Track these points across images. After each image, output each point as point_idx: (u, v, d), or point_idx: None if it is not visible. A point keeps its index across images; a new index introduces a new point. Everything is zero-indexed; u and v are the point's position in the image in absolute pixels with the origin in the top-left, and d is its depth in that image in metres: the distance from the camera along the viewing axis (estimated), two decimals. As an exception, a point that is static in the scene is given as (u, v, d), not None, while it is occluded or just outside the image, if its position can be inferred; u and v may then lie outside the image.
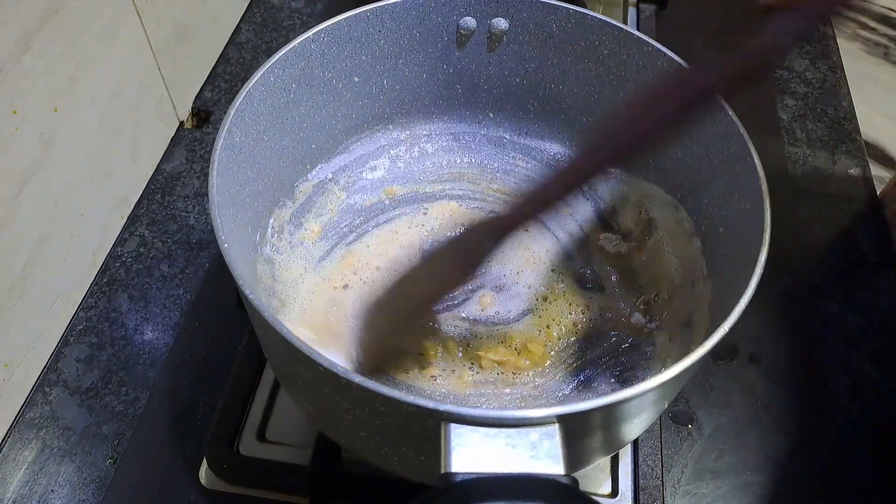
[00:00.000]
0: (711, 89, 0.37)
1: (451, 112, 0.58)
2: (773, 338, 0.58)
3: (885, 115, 1.27)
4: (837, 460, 0.52)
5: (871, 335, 0.59)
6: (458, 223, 0.55)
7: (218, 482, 0.49)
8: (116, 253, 0.61)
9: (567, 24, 0.50)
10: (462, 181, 0.58)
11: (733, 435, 0.53)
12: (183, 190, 0.66)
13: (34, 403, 0.53)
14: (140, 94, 0.62)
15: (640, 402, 0.34)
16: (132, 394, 0.53)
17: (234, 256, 0.35)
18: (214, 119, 0.72)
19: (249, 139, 0.44)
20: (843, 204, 0.68)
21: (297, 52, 0.46)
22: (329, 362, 0.31)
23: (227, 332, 0.56)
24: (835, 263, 0.64)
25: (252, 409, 0.52)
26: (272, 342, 0.36)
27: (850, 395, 0.56)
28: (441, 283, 0.45)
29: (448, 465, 0.29)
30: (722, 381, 0.56)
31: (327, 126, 0.52)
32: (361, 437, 0.38)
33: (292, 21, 0.82)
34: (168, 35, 0.64)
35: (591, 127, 0.53)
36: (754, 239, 0.38)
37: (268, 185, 0.48)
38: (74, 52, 0.52)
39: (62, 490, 0.49)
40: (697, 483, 0.51)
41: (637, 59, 0.49)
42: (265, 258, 0.49)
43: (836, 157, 0.73)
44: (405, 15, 0.50)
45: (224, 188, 0.40)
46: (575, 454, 0.37)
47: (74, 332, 0.56)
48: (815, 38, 0.85)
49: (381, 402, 0.31)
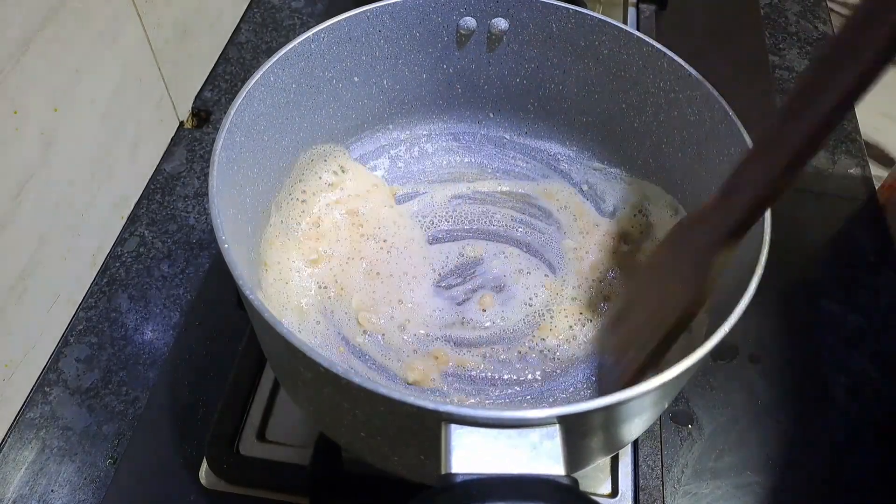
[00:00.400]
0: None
1: (451, 112, 0.58)
2: (773, 338, 0.58)
3: (885, 115, 1.27)
4: (837, 460, 0.52)
5: (871, 335, 0.59)
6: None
7: (218, 482, 0.49)
8: (116, 253, 0.61)
9: (567, 24, 0.50)
10: (462, 181, 0.58)
11: (733, 435, 0.53)
12: (183, 190, 0.66)
13: (34, 403, 0.53)
14: (140, 94, 0.62)
15: (640, 403, 0.34)
16: (132, 394, 0.53)
17: (234, 256, 0.35)
18: (214, 119, 0.72)
19: (249, 139, 0.44)
20: (843, 204, 0.68)
21: (297, 52, 0.46)
22: (329, 362, 0.31)
23: (227, 332, 0.56)
24: (835, 263, 0.64)
25: (252, 409, 0.52)
26: (272, 342, 0.36)
27: (850, 395, 0.56)
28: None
29: (448, 466, 0.29)
30: (722, 381, 0.56)
31: (327, 126, 0.52)
32: (361, 437, 0.38)
33: (292, 21, 0.82)
34: (168, 35, 0.64)
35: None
36: (754, 239, 0.38)
37: (268, 185, 0.48)
38: (74, 52, 0.52)
39: (62, 490, 0.49)
40: (697, 483, 0.51)
41: (637, 59, 0.49)
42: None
43: (836, 157, 0.73)
44: (405, 15, 0.50)
45: (224, 188, 0.40)
46: (575, 454, 0.37)
47: (74, 332, 0.56)
48: (815, 39, 0.85)
49: (381, 402, 0.31)
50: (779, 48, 0.84)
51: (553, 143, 0.58)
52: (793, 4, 0.90)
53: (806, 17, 0.88)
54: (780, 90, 0.79)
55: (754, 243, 0.37)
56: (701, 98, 0.45)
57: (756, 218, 0.35)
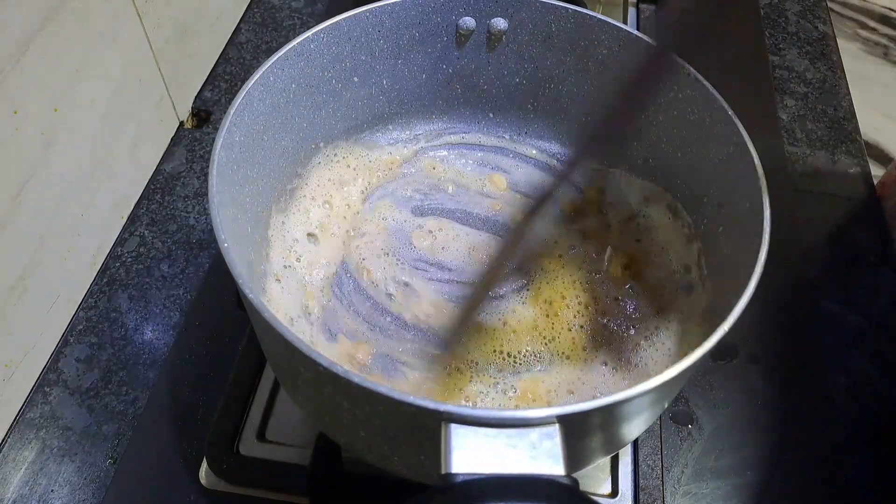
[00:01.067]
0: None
1: (450, 112, 0.58)
2: (773, 338, 0.58)
3: (885, 115, 1.27)
4: (837, 460, 0.52)
5: (871, 335, 0.59)
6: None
7: (218, 482, 0.49)
8: (116, 253, 0.61)
9: (567, 24, 0.50)
10: (462, 181, 0.57)
11: (733, 435, 0.53)
12: (183, 190, 0.66)
13: (34, 403, 0.53)
14: (140, 94, 0.62)
15: (640, 402, 0.34)
16: (132, 394, 0.53)
17: (233, 256, 0.35)
18: (214, 119, 0.72)
19: (249, 139, 0.44)
20: (843, 204, 0.68)
21: (297, 52, 0.46)
22: (329, 362, 0.31)
23: (227, 332, 0.56)
24: (835, 263, 0.64)
25: (252, 409, 0.52)
26: (272, 342, 0.36)
27: (850, 395, 0.56)
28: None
29: (448, 466, 0.28)
30: (722, 381, 0.56)
31: (327, 126, 0.52)
32: (361, 437, 0.38)
33: (292, 21, 0.82)
34: (168, 35, 0.64)
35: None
36: (754, 239, 0.38)
37: (268, 185, 0.48)
38: (74, 52, 0.52)
39: (62, 490, 0.49)
40: (697, 483, 0.51)
41: (637, 59, 0.48)
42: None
43: (836, 157, 0.73)
44: (405, 15, 0.50)
45: (224, 188, 0.40)
46: (575, 454, 0.37)
47: (74, 332, 0.56)
48: (815, 39, 0.85)
49: (381, 401, 0.31)
50: (779, 48, 0.84)
51: (553, 143, 0.58)
52: (793, 4, 0.90)
53: (806, 17, 0.88)
54: (780, 90, 0.79)
55: (754, 243, 0.37)
56: (701, 98, 0.45)
57: None
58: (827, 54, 0.84)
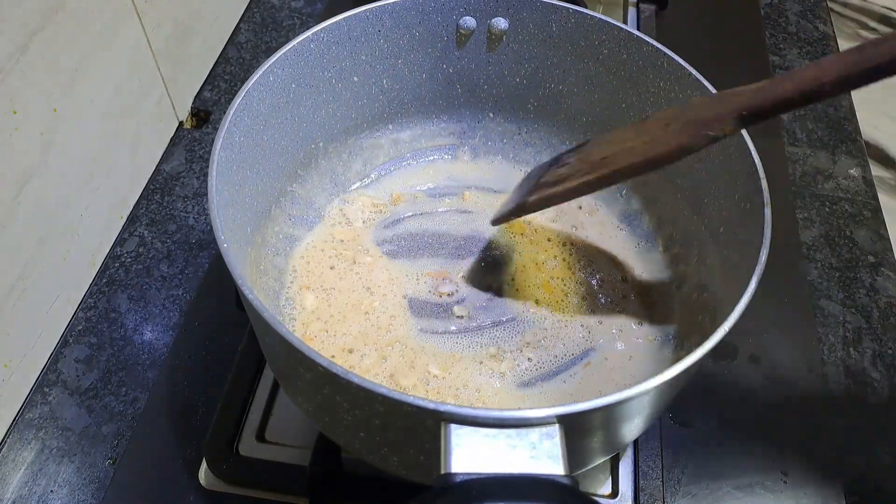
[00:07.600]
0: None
1: (451, 112, 0.57)
2: (773, 338, 0.58)
3: (885, 115, 1.27)
4: (837, 460, 0.52)
5: (871, 335, 0.59)
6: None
7: (217, 482, 0.49)
8: (116, 253, 0.61)
9: (567, 24, 0.50)
10: (462, 181, 0.57)
11: (733, 435, 0.53)
12: (182, 190, 0.66)
13: (34, 404, 0.53)
14: (140, 94, 0.62)
15: (640, 403, 0.34)
16: (132, 394, 0.53)
17: (233, 256, 0.35)
18: (214, 119, 0.72)
19: (249, 139, 0.44)
20: (843, 204, 0.68)
21: (297, 52, 0.46)
22: (329, 362, 0.31)
23: (227, 332, 0.56)
24: (835, 263, 0.64)
25: (252, 409, 0.52)
26: (272, 342, 0.36)
27: (850, 395, 0.56)
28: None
29: (448, 466, 0.28)
30: (722, 381, 0.56)
31: (327, 126, 0.52)
32: (361, 437, 0.38)
33: (292, 21, 0.82)
34: (168, 35, 0.64)
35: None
36: (754, 239, 0.38)
37: (267, 185, 0.48)
38: (74, 53, 0.52)
39: (62, 490, 0.49)
40: (697, 483, 0.51)
41: (637, 59, 0.49)
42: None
43: (836, 157, 0.73)
44: (405, 15, 0.50)
45: (224, 188, 0.40)
46: (575, 454, 0.37)
47: (74, 332, 0.56)
48: (815, 39, 0.85)
49: (381, 402, 0.31)
50: (779, 48, 0.84)
51: (553, 142, 0.57)
52: (793, 4, 0.90)
53: (806, 17, 0.88)
54: (780, 90, 0.79)
55: (754, 243, 0.37)
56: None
57: (771, 111, 0.35)
58: (827, 54, 0.84)
